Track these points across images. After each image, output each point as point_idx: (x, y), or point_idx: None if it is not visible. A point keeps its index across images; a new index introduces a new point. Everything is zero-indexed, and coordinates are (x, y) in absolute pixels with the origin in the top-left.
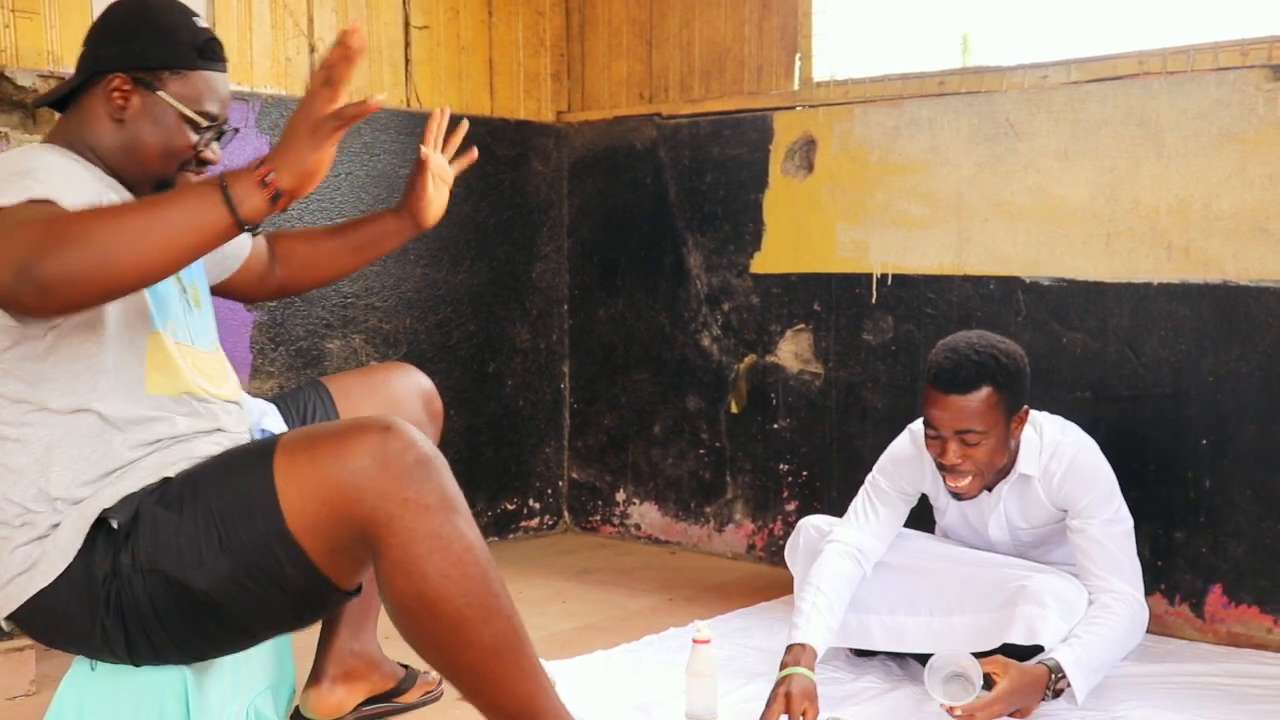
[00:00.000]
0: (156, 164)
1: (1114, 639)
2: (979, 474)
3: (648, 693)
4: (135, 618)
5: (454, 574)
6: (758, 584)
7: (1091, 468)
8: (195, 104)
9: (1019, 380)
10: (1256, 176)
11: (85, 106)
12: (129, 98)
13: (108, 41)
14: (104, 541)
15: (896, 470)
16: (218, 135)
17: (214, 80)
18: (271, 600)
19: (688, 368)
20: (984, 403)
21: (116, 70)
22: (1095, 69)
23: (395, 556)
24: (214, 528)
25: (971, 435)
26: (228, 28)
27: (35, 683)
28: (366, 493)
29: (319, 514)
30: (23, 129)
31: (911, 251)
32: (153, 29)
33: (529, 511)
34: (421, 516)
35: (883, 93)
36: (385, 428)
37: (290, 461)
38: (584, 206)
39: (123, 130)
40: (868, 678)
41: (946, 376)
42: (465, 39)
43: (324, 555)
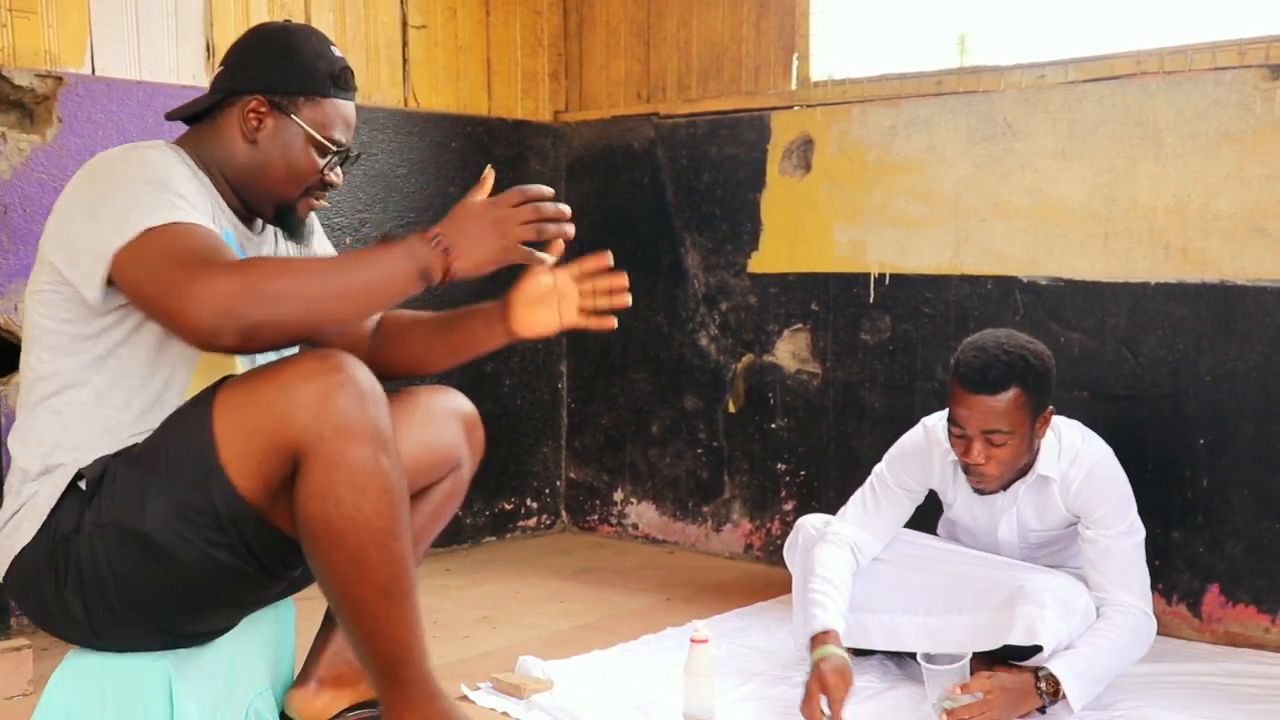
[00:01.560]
0: (282, 186)
1: (1113, 649)
2: (1002, 474)
3: (645, 692)
4: (93, 578)
5: (367, 509)
6: (755, 584)
7: (1110, 478)
8: (325, 130)
9: (1046, 381)
10: (1254, 176)
11: (219, 123)
12: (263, 119)
13: (249, 64)
14: (71, 502)
15: (904, 465)
16: (342, 160)
17: (344, 108)
18: (213, 548)
19: (685, 367)
20: (1012, 403)
21: (254, 92)
22: (1093, 69)
23: (315, 479)
24: (156, 470)
25: (998, 435)
26: (225, 27)
27: (32, 683)
28: (299, 413)
29: (251, 439)
30: (20, 128)
31: (909, 251)
32: (293, 56)
33: (527, 511)
34: (349, 444)
35: (880, 92)
36: (325, 356)
37: (229, 394)
38: (582, 206)
39: (254, 150)
40: (866, 677)
41: (975, 376)
42: (463, 38)
43: (253, 487)
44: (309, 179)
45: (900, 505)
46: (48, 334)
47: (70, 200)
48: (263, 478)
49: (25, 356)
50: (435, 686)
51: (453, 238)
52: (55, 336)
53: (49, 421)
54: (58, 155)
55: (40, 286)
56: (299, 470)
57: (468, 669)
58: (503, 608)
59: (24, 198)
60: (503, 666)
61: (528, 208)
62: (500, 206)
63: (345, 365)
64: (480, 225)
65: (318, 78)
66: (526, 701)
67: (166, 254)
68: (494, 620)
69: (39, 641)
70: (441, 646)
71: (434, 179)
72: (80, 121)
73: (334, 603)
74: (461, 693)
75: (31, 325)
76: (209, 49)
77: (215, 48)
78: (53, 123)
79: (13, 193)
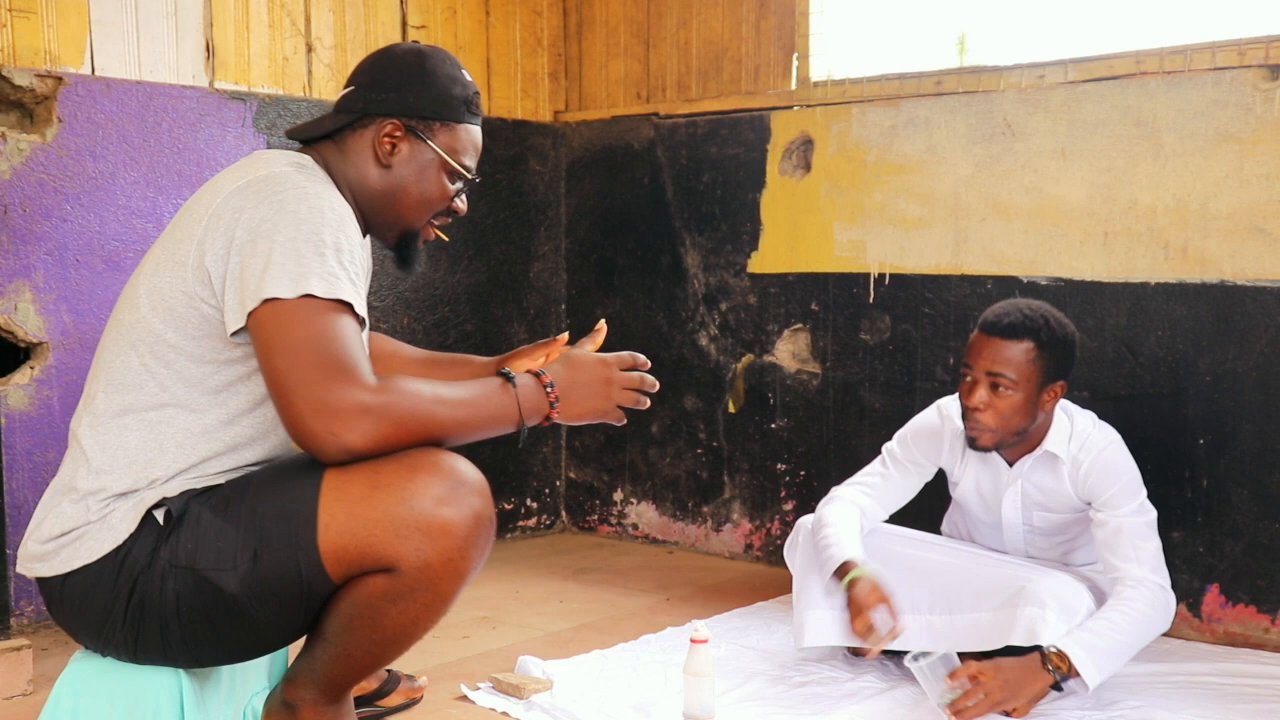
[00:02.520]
0: (412, 211)
1: (1126, 623)
2: (996, 429)
3: (645, 692)
4: (156, 613)
5: (423, 625)
6: (755, 584)
7: (1119, 460)
8: (458, 156)
9: (1064, 349)
10: (1253, 176)
11: (350, 144)
12: (398, 144)
13: (384, 86)
14: (147, 533)
15: (915, 440)
16: (469, 187)
17: (475, 134)
18: (291, 612)
19: (685, 367)
20: (1023, 354)
21: (391, 115)
22: (1092, 69)
23: (400, 591)
24: (253, 534)
25: (1003, 380)
26: (225, 27)
27: (32, 682)
28: (414, 538)
29: (356, 536)
30: (20, 128)
31: (909, 251)
32: (429, 80)
33: (526, 511)
34: (449, 582)
35: (880, 92)
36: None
37: (343, 480)
38: (581, 206)
39: (387, 175)
40: (866, 677)
41: (994, 320)
42: (463, 39)
43: (341, 573)
44: (438, 206)
45: (908, 479)
46: (163, 344)
47: (235, 211)
48: (354, 566)
49: (121, 356)
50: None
51: (563, 388)
52: (173, 351)
53: (143, 437)
54: (57, 155)
55: (174, 292)
56: (390, 575)
57: (467, 669)
58: (502, 608)
59: (24, 198)
60: (502, 666)
61: (635, 375)
62: (612, 368)
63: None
64: (591, 383)
65: (453, 103)
66: (526, 702)
67: (312, 340)
68: (494, 620)
69: (39, 641)
70: (441, 646)
71: None
72: (80, 121)
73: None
74: (461, 693)
75: (140, 327)
76: (208, 49)
77: (215, 48)
78: (52, 123)
79: (13, 193)
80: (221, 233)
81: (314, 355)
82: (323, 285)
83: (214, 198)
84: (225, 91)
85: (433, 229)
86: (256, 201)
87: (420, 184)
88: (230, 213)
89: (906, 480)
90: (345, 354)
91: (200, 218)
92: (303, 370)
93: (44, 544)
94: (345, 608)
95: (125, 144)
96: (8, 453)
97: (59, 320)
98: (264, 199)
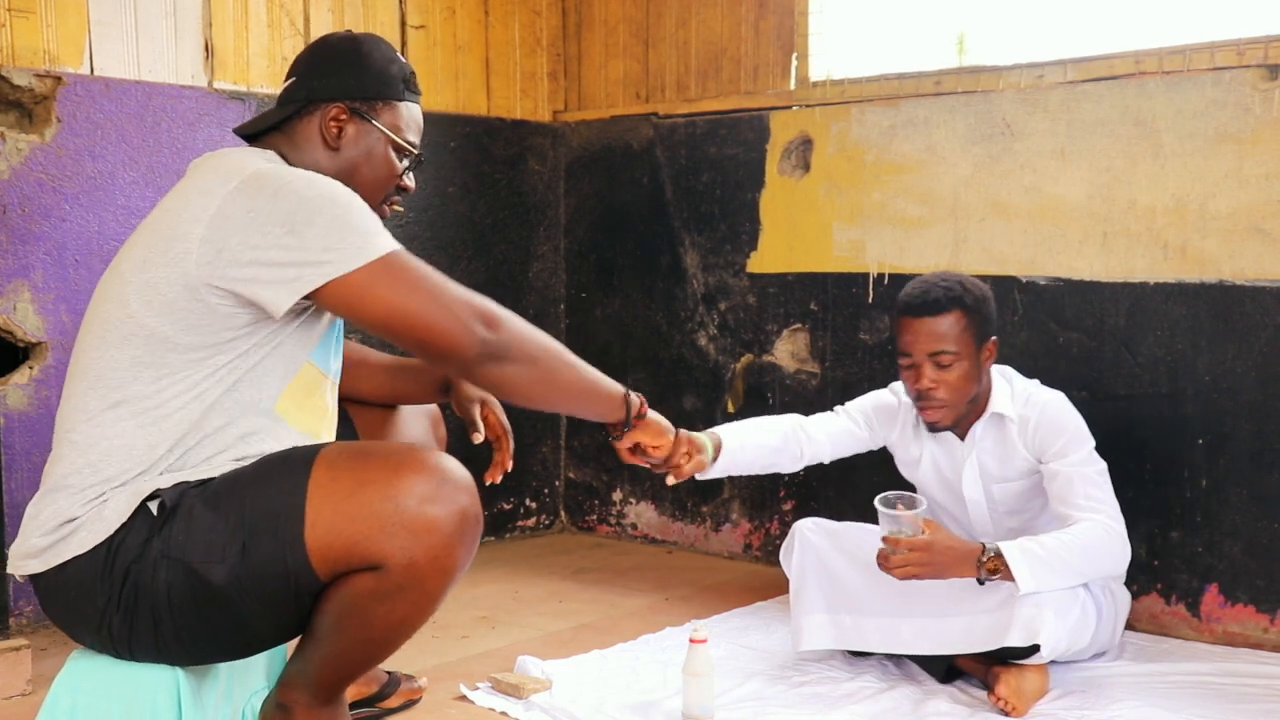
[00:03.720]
0: (364, 191)
1: (1071, 543)
2: (952, 402)
3: (644, 692)
4: (148, 604)
5: (413, 622)
6: (754, 584)
7: (1065, 413)
8: (402, 133)
9: (986, 306)
10: (1252, 176)
11: (298, 133)
12: (344, 126)
13: (324, 73)
14: (140, 523)
15: (875, 410)
16: (415, 164)
17: (416, 111)
18: (280, 609)
19: (684, 367)
20: (954, 324)
21: (334, 100)
22: (1092, 69)
23: (387, 589)
24: (242, 529)
25: (945, 356)
26: (224, 27)
27: (31, 682)
28: (400, 535)
29: (343, 533)
30: (19, 128)
31: (908, 251)
32: (367, 62)
33: (525, 511)
34: (437, 579)
35: (879, 92)
36: (441, 477)
37: (330, 477)
38: (581, 206)
39: (336, 157)
40: (865, 677)
41: (917, 302)
42: (462, 38)
43: (328, 570)
44: (389, 184)
45: (857, 431)
46: (156, 338)
47: (247, 212)
48: (340, 564)
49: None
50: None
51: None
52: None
53: (136, 428)
54: (56, 155)
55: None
56: (377, 574)
57: (466, 669)
58: (501, 608)
59: (23, 198)
60: (502, 666)
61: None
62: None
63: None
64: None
65: (392, 82)
66: (525, 701)
67: (429, 275)
68: (493, 620)
69: (38, 641)
70: (440, 646)
71: (432, 179)
72: (79, 121)
73: (324, 646)
74: (460, 693)
75: (130, 323)
76: (208, 49)
77: (214, 47)
78: (51, 123)
79: (12, 193)
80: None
81: (442, 280)
82: (385, 240)
83: (209, 199)
84: (224, 91)
85: (388, 208)
86: (267, 198)
87: (370, 163)
88: (240, 213)
89: (855, 433)
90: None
91: (198, 218)
92: (449, 290)
93: (41, 538)
94: (334, 607)
95: (124, 144)
96: (7, 452)
97: (58, 320)
98: (275, 194)
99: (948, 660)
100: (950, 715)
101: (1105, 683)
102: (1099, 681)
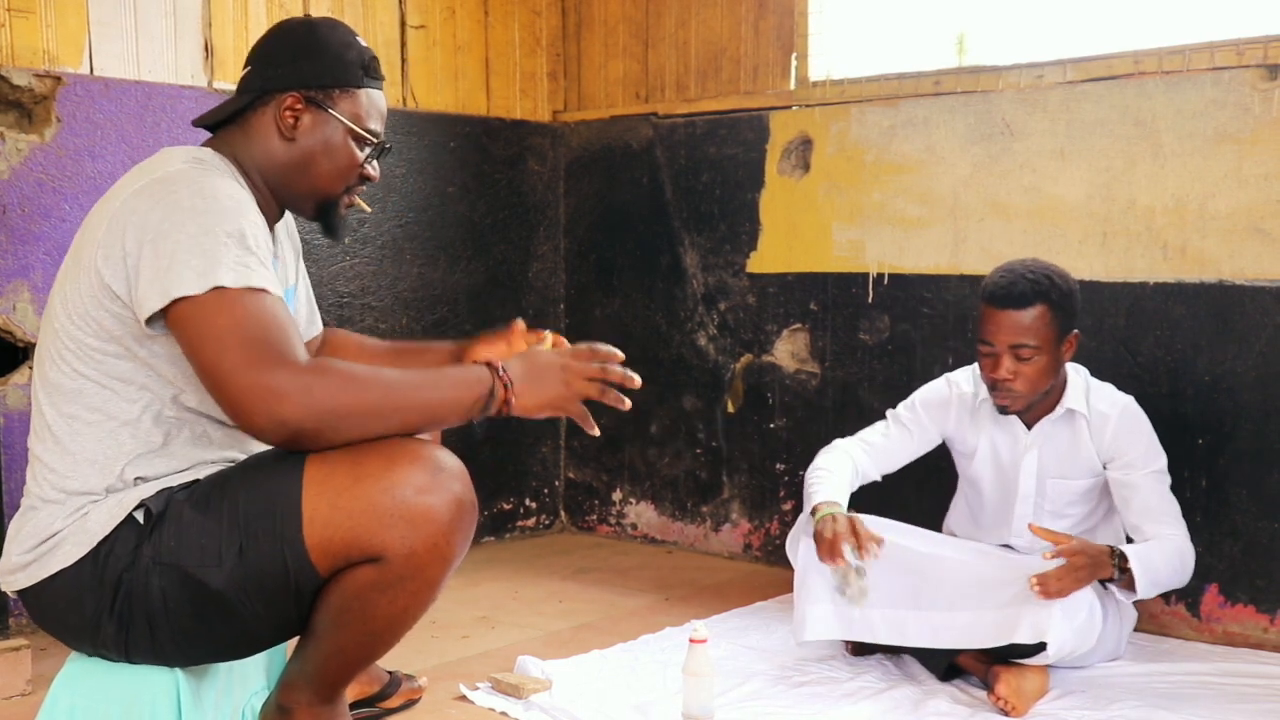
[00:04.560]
0: (324, 182)
1: (1170, 553)
2: (1027, 393)
3: (644, 692)
4: (143, 611)
5: (413, 612)
6: (754, 583)
7: (1145, 419)
8: (362, 121)
9: (1071, 300)
10: (1252, 176)
11: (253, 124)
12: (300, 116)
13: (278, 62)
14: (127, 532)
15: (924, 405)
16: (379, 153)
17: (378, 98)
18: (280, 608)
19: (684, 367)
20: (1038, 318)
21: (288, 89)
22: (1091, 68)
23: (388, 579)
24: (237, 530)
25: (1025, 350)
26: (224, 27)
27: (31, 682)
28: (399, 525)
29: (341, 527)
30: (19, 128)
31: (908, 251)
32: (323, 49)
33: (525, 511)
34: (435, 567)
35: (879, 92)
36: (436, 467)
37: (325, 472)
38: (580, 206)
39: (292, 148)
40: (865, 677)
41: (1002, 293)
42: (461, 38)
43: (327, 565)
44: (350, 174)
45: (907, 443)
46: (84, 348)
47: (130, 214)
48: (340, 558)
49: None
50: (344, 706)
51: (517, 375)
52: (96, 353)
53: (98, 435)
54: (56, 155)
55: (81, 297)
56: (377, 566)
57: (466, 669)
58: (501, 608)
59: (22, 198)
60: (501, 666)
61: (595, 366)
62: (569, 358)
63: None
64: (548, 371)
65: (349, 69)
66: (525, 701)
67: (235, 328)
68: (493, 620)
69: (38, 641)
70: (440, 646)
71: (432, 179)
72: (79, 121)
73: (324, 642)
74: (460, 692)
75: (62, 335)
76: (207, 48)
77: (214, 47)
78: (51, 122)
79: (11, 193)
80: (116, 237)
81: (240, 341)
82: (232, 275)
83: (114, 201)
84: (224, 91)
85: (351, 198)
86: (151, 204)
87: (328, 153)
88: (126, 215)
89: (905, 443)
90: (271, 335)
91: (101, 222)
92: (231, 356)
93: (24, 554)
94: (334, 601)
95: (124, 144)
96: (7, 453)
97: None
98: (159, 199)
99: (948, 659)
100: (950, 715)
101: (1105, 683)
102: (1099, 681)
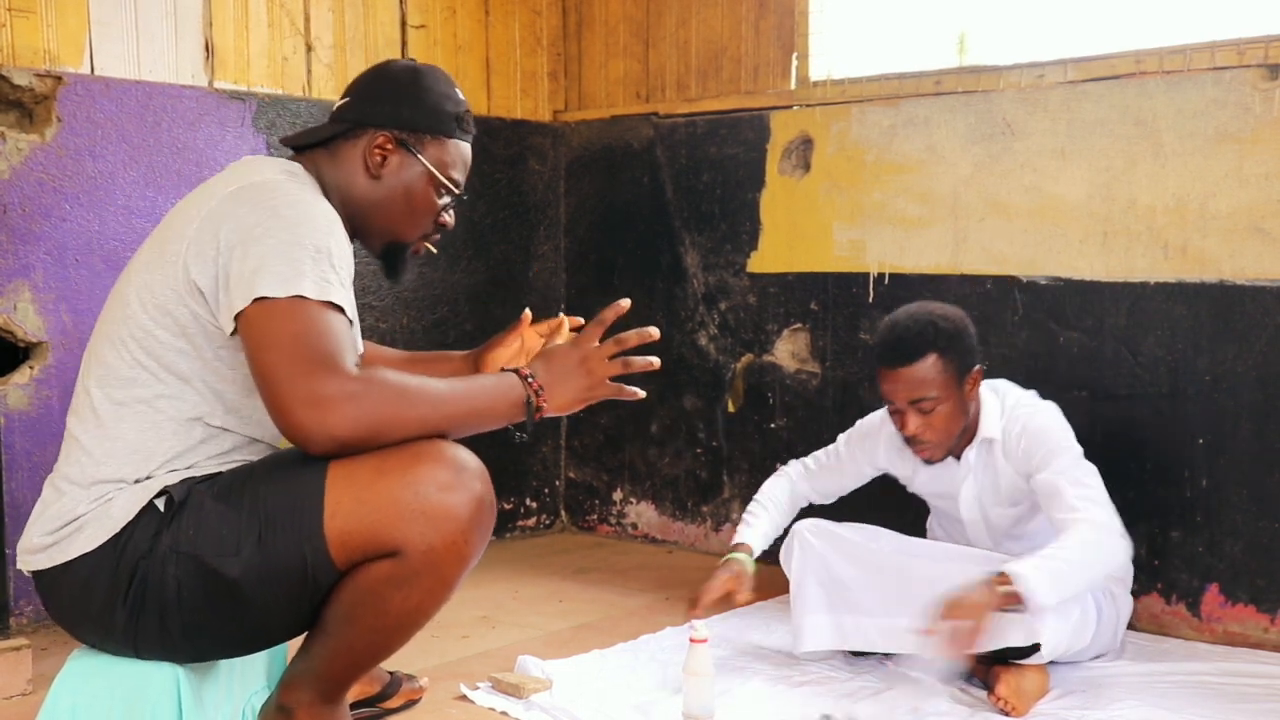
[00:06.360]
0: (398, 223)
1: (1076, 549)
2: (941, 441)
3: (645, 692)
4: (156, 600)
5: (427, 609)
6: (754, 583)
7: (1046, 424)
8: (446, 170)
9: (961, 341)
10: (1252, 176)
11: (342, 153)
12: (388, 155)
13: (379, 99)
14: (148, 520)
15: (859, 441)
16: (456, 202)
17: (465, 150)
18: (294, 601)
19: (685, 367)
20: (932, 369)
21: (383, 127)
22: (1092, 68)
23: (404, 575)
24: (257, 519)
25: (926, 402)
26: (224, 27)
27: (31, 682)
28: (418, 522)
29: (362, 522)
30: (19, 128)
31: (908, 251)
32: (423, 95)
33: (526, 511)
34: (453, 566)
35: (879, 92)
36: (459, 466)
37: (348, 468)
38: (581, 206)
39: (376, 185)
40: (865, 677)
41: (890, 352)
42: (462, 38)
43: (346, 559)
44: (427, 219)
45: (844, 477)
46: (152, 339)
47: (226, 216)
48: (358, 552)
49: (112, 352)
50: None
51: (543, 378)
52: (162, 347)
53: (140, 426)
54: (57, 155)
55: (163, 288)
56: (394, 560)
57: (467, 669)
58: (502, 607)
59: (23, 198)
60: (502, 666)
61: (609, 343)
62: (583, 346)
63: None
64: (567, 365)
65: (444, 118)
66: (525, 701)
67: (302, 336)
68: (493, 620)
69: (38, 641)
70: (440, 646)
71: None
72: (79, 121)
73: (333, 639)
74: (461, 692)
75: (130, 324)
76: (208, 48)
77: (214, 47)
78: (52, 122)
79: (12, 193)
80: (210, 236)
81: (302, 349)
82: (315, 288)
83: (208, 200)
84: (224, 91)
85: (422, 244)
86: (249, 208)
87: (408, 196)
88: (221, 218)
89: (843, 477)
90: (332, 347)
91: (193, 219)
92: (290, 363)
93: (45, 536)
94: (348, 595)
95: (125, 144)
96: (7, 452)
97: (58, 320)
98: (256, 205)
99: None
100: (950, 715)
101: (1105, 683)
102: (1099, 681)
